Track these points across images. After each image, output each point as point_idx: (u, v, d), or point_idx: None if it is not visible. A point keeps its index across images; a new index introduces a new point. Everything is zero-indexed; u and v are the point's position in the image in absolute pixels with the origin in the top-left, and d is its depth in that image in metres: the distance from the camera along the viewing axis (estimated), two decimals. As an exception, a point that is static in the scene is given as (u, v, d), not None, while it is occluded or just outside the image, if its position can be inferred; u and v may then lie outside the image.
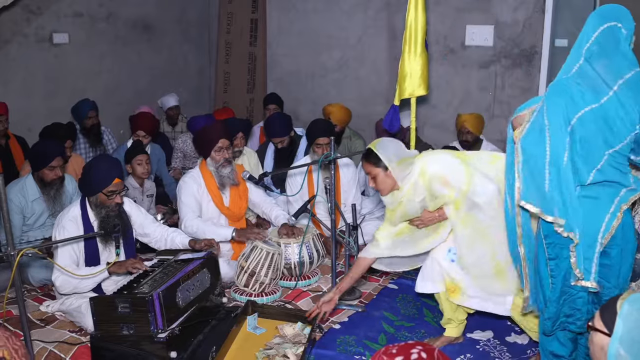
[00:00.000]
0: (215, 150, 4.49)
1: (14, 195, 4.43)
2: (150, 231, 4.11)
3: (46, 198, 4.55)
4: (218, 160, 4.50)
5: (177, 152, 6.54)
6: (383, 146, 3.40)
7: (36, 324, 3.79)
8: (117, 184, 3.78)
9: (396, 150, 3.41)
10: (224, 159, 4.50)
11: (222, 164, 4.51)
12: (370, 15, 7.07)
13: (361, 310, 4.09)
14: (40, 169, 4.48)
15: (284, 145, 5.64)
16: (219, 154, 4.49)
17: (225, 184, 4.57)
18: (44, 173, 4.49)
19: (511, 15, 6.23)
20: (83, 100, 6.13)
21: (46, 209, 4.58)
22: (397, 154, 3.38)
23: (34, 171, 4.54)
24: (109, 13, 6.98)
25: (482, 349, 3.65)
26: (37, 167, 4.50)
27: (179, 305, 3.35)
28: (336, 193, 4.79)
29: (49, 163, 4.46)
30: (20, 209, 4.48)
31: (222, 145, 4.49)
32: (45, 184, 4.52)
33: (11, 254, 2.81)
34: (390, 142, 3.46)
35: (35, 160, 4.53)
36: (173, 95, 7.36)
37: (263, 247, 4.19)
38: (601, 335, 1.81)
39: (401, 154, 3.40)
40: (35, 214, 4.55)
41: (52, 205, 4.56)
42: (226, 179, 4.55)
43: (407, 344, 1.73)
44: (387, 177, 3.39)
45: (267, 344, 3.54)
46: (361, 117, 6.73)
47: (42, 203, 4.56)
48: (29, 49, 6.26)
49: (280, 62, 7.88)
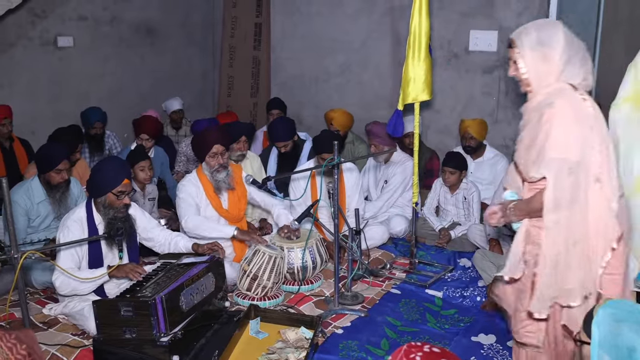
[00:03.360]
0: (209, 155, 4.50)
1: (19, 197, 4.44)
2: (154, 235, 4.12)
3: (52, 201, 4.56)
4: (212, 166, 4.52)
5: (180, 156, 6.55)
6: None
7: (39, 326, 3.79)
8: (126, 185, 3.80)
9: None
10: (218, 164, 4.51)
11: (217, 169, 4.52)
12: (374, 19, 7.08)
13: (364, 315, 4.08)
14: (47, 171, 4.49)
15: (287, 149, 5.64)
16: (213, 160, 4.51)
17: (221, 188, 4.58)
18: (50, 176, 4.50)
19: (515, 20, 6.22)
20: (94, 110, 6.12)
21: (52, 212, 4.59)
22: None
23: (41, 174, 4.55)
24: (113, 16, 7.00)
25: (486, 354, 3.64)
26: (43, 169, 4.52)
27: (182, 309, 3.34)
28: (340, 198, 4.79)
29: (56, 166, 4.48)
30: (25, 211, 4.49)
31: (217, 151, 4.50)
32: (52, 187, 4.53)
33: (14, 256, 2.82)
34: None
35: (41, 163, 4.54)
36: (177, 99, 7.38)
37: (266, 251, 4.19)
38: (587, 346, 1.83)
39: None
40: (41, 216, 4.56)
41: (57, 207, 4.58)
42: (221, 183, 4.56)
43: (433, 352, 1.70)
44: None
45: (270, 349, 3.54)
46: (364, 121, 6.70)
47: (48, 205, 4.57)
48: (34, 52, 6.29)
49: (284, 66, 7.88)
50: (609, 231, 2.58)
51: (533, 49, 2.67)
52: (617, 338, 1.74)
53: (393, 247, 5.28)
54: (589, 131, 2.56)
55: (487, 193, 5.61)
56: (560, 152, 2.54)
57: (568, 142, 2.54)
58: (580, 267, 2.59)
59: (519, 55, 2.71)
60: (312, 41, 7.53)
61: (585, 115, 2.59)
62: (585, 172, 2.54)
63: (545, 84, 2.68)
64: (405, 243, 5.29)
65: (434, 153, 6.16)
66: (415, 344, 1.73)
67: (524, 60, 2.70)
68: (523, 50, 2.69)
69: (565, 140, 2.54)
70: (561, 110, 2.57)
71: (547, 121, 2.58)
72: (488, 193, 5.59)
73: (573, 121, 2.56)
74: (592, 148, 2.55)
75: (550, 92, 2.65)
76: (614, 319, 1.77)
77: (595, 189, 2.55)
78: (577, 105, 2.60)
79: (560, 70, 2.65)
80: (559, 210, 2.56)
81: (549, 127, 2.56)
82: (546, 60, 2.66)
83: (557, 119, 2.56)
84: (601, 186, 2.56)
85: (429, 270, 4.80)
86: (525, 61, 2.70)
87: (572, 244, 2.57)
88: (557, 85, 2.66)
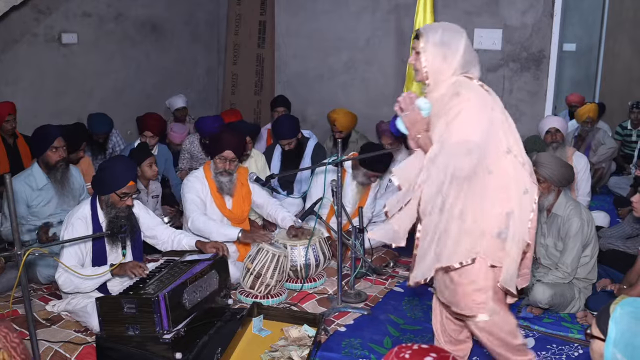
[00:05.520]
0: (219, 157, 4.51)
1: (19, 185, 4.45)
2: (158, 233, 4.12)
3: (54, 182, 4.58)
4: (218, 168, 4.53)
5: (184, 153, 6.54)
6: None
7: (42, 323, 3.80)
8: (131, 187, 3.80)
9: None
10: (224, 168, 4.52)
11: (221, 172, 4.53)
12: (379, 17, 7.07)
13: (367, 313, 4.08)
14: (44, 151, 4.51)
15: (291, 147, 5.64)
16: (220, 162, 4.52)
17: (223, 189, 4.58)
18: (47, 156, 4.52)
19: (520, 19, 6.21)
20: (103, 118, 6.03)
21: (55, 195, 4.59)
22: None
23: (38, 156, 4.58)
24: (118, 13, 7.00)
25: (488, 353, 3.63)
26: (40, 150, 4.55)
27: (185, 306, 3.34)
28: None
29: (51, 144, 4.51)
30: (25, 199, 4.49)
31: (227, 156, 4.51)
32: (51, 168, 4.55)
33: (18, 253, 2.82)
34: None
35: (37, 144, 4.58)
36: (181, 96, 7.38)
37: (269, 249, 4.19)
38: (599, 342, 1.80)
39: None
40: (44, 201, 4.57)
41: (60, 189, 4.60)
42: (223, 185, 4.56)
43: (422, 348, 1.71)
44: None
45: (272, 346, 3.53)
46: (368, 119, 6.72)
47: (51, 189, 4.58)
48: (38, 49, 6.28)
49: (288, 64, 7.88)
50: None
51: (436, 46, 2.80)
52: (635, 337, 1.72)
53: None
54: (491, 112, 2.78)
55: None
56: (461, 136, 2.70)
57: (473, 127, 2.72)
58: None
59: (421, 48, 2.83)
60: (316, 39, 7.52)
61: (486, 100, 2.80)
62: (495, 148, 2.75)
63: (442, 79, 2.83)
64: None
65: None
66: (405, 344, 1.75)
67: (426, 55, 2.82)
68: (426, 46, 2.82)
69: (470, 124, 2.72)
70: (471, 98, 2.74)
71: (456, 106, 2.73)
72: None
73: (478, 109, 2.75)
74: (497, 127, 2.76)
75: (454, 83, 2.80)
76: (633, 317, 1.75)
77: (509, 159, 2.76)
78: (480, 93, 2.80)
79: (455, 70, 2.82)
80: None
81: (455, 113, 2.72)
82: (445, 59, 2.81)
83: (467, 105, 2.73)
84: (515, 155, 2.77)
85: (433, 269, 4.78)
86: (427, 55, 2.82)
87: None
88: (453, 78, 2.82)
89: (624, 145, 7.77)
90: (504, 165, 2.77)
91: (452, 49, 2.80)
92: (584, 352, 3.62)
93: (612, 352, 1.74)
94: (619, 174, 7.33)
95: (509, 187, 2.77)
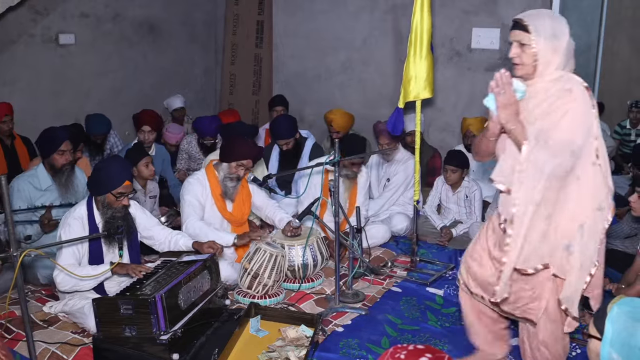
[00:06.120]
0: (238, 163, 4.49)
1: (22, 184, 4.45)
2: (155, 234, 4.11)
3: (58, 185, 4.57)
4: (232, 172, 4.51)
5: (182, 154, 6.54)
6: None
7: (39, 324, 3.79)
8: (127, 187, 3.80)
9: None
10: (237, 174, 4.51)
11: (232, 177, 4.52)
12: (376, 17, 7.07)
13: (364, 313, 4.07)
14: (50, 154, 4.51)
15: (289, 147, 5.63)
16: (236, 169, 4.50)
17: (227, 193, 4.57)
18: (54, 159, 4.51)
19: (518, 18, 6.20)
20: (101, 119, 6.04)
21: (58, 198, 4.58)
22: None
23: (45, 158, 4.56)
24: (115, 14, 6.99)
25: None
26: (47, 153, 4.53)
27: (180, 307, 3.34)
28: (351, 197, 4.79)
29: (58, 147, 4.49)
30: (28, 198, 4.48)
31: (246, 164, 4.50)
32: (56, 171, 4.54)
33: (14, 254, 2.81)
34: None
35: (44, 147, 4.56)
36: (178, 96, 7.37)
37: (267, 249, 4.19)
38: (596, 341, 1.80)
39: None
40: (47, 201, 4.55)
41: (64, 192, 4.58)
42: (228, 189, 4.55)
43: (417, 349, 1.71)
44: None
45: (270, 347, 3.53)
46: (366, 119, 6.72)
47: (55, 191, 4.57)
48: (35, 50, 6.28)
49: (286, 64, 7.87)
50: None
51: (547, 39, 2.68)
52: (631, 337, 1.71)
53: (394, 245, 5.27)
54: (593, 119, 2.68)
55: (488, 191, 5.59)
56: (566, 135, 2.62)
57: (579, 128, 2.63)
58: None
59: (533, 41, 2.70)
60: (314, 39, 7.52)
61: (588, 103, 2.69)
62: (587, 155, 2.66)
63: (548, 72, 2.73)
64: (406, 241, 5.28)
65: (435, 151, 6.14)
66: (401, 345, 1.76)
67: (538, 48, 2.70)
68: (538, 39, 2.69)
69: (576, 125, 2.63)
70: (578, 98, 2.65)
71: (565, 105, 2.65)
72: (490, 191, 5.57)
73: (584, 111, 2.66)
74: (593, 134, 2.67)
75: (560, 78, 2.71)
76: (630, 317, 1.75)
77: (596, 169, 2.68)
78: (585, 95, 2.69)
79: (561, 62, 2.72)
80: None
81: (565, 110, 2.64)
82: (555, 52, 2.70)
83: (575, 105, 2.64)
84: (600, 165, 2.69)
85: (430, 269, 4.79)
86: (539, 48, 2.70)
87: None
88: (558, 72, 2.73)
89: (623, 144, 7.76)
90: (590, 174, 2.68)
91: (561, 41, 2.68)
92: (582, 352, 3.61)
93: (608, 351, 1.74)
94: (617, 173, 7.31)
95: (587, 199, 2.68)
